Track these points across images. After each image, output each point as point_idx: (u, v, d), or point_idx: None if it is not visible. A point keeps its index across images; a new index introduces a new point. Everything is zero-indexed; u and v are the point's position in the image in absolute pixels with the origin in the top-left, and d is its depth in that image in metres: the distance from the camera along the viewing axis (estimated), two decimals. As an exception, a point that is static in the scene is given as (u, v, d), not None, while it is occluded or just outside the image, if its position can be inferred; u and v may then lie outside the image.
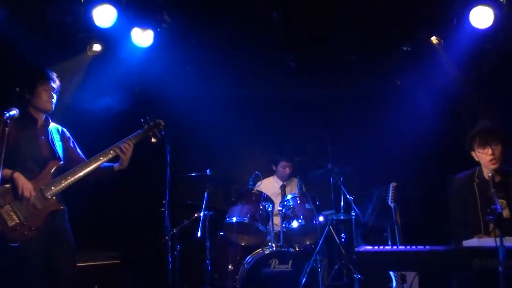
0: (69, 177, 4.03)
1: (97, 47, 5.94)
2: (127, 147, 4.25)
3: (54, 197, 3.99)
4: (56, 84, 4.14)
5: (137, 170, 6.40)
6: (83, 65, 5.98)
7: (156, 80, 6.41)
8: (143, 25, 5.53)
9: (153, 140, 4.47)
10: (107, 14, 5.18)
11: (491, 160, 4.09)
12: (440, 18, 5.60)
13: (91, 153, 4.25)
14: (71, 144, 4.32)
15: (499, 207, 3.38)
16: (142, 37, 5.58)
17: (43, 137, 4.11)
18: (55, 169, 4.05)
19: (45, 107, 4.10)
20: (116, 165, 4.29)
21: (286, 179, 6.51)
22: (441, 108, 6.41)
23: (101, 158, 4.18)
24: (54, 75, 4.15)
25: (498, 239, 3.14)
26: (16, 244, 3.76)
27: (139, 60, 5.97)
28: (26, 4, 5.22)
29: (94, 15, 5.17)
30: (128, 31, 5.55)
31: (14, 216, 3.81)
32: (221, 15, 5.63)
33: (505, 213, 3.96)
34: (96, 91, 6.10)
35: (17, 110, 3.84)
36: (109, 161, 4.24)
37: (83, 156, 4.32)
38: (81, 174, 4.08)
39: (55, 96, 4.13)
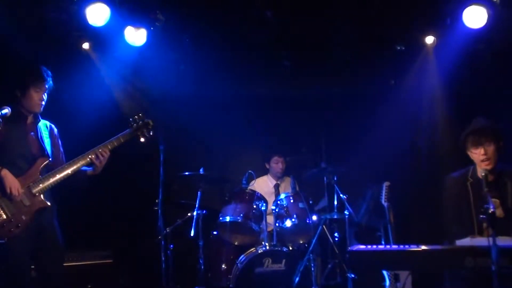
0: (57, 175, 4.00)
1: (90, 46, 5.92)
2: (103, 154, 4.14)
3: (42, 194, 3.95)
4: (49, 84, 4.09)
5: (130, 169, 6.46)
6: (76, 64, 5.95)
7: (149, 79, 6.40)
8: (137, 24, 5.51)
9: (142, 139, 4.41)
10: (100, 13, 5.17)
11: (483, 160, 4.04)
12: (434, 18, 5.62)
13: (82, 153, 4.17)
14: (57, 141, 4.29)
15: (491, 206, 3.38)
16: (136, 36, 5.57)
17: (32, 133, 4.08)
18: (43, 166, 4.02)
19: (34, 109, 4.06)
20: (89, 170, 4.20)
21: (279, 176, 6.49)
22: (435, 108, 6.42)
23: (90, 156, 4.13)
24: (48, 75, 4.09)
25: (491, 238, 3.14)
26: (3, 241, 3.74)
27: (133, 59, 5.96)
28: (20, 2, 5.19)
29: (87, 14, 5.16)
30: (121, 30, 5.54)
31: (2, 213, 3.78)
32: (215, 14, 5.62)
33: (498, 212, 3.91)
34: (89, 90, 6.08)
35: (9, 108, 3.84)
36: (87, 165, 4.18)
37: (63, 158, 4.26)
38: (69, 171, 4.04)
39: (45, 97, 4.09)
